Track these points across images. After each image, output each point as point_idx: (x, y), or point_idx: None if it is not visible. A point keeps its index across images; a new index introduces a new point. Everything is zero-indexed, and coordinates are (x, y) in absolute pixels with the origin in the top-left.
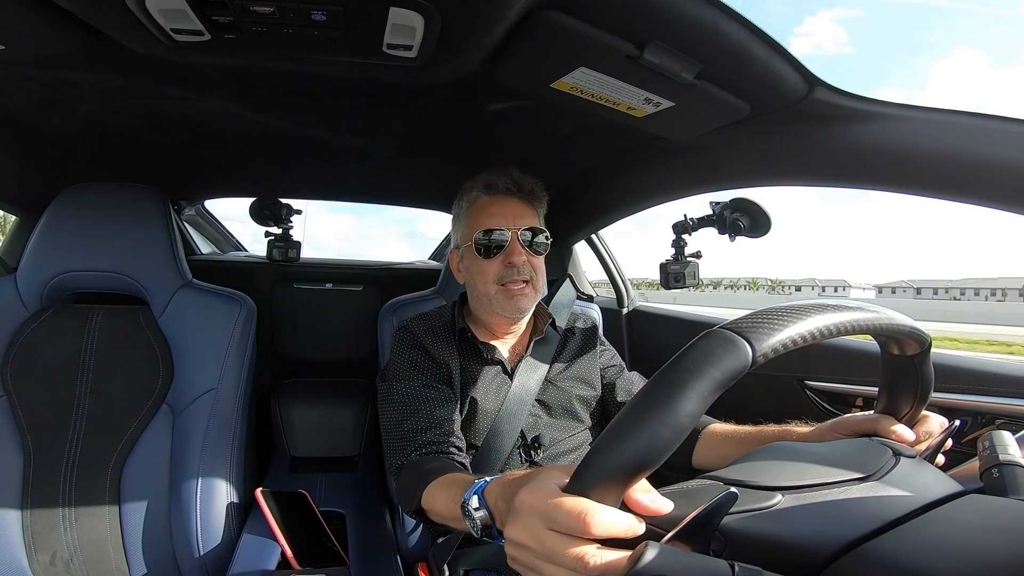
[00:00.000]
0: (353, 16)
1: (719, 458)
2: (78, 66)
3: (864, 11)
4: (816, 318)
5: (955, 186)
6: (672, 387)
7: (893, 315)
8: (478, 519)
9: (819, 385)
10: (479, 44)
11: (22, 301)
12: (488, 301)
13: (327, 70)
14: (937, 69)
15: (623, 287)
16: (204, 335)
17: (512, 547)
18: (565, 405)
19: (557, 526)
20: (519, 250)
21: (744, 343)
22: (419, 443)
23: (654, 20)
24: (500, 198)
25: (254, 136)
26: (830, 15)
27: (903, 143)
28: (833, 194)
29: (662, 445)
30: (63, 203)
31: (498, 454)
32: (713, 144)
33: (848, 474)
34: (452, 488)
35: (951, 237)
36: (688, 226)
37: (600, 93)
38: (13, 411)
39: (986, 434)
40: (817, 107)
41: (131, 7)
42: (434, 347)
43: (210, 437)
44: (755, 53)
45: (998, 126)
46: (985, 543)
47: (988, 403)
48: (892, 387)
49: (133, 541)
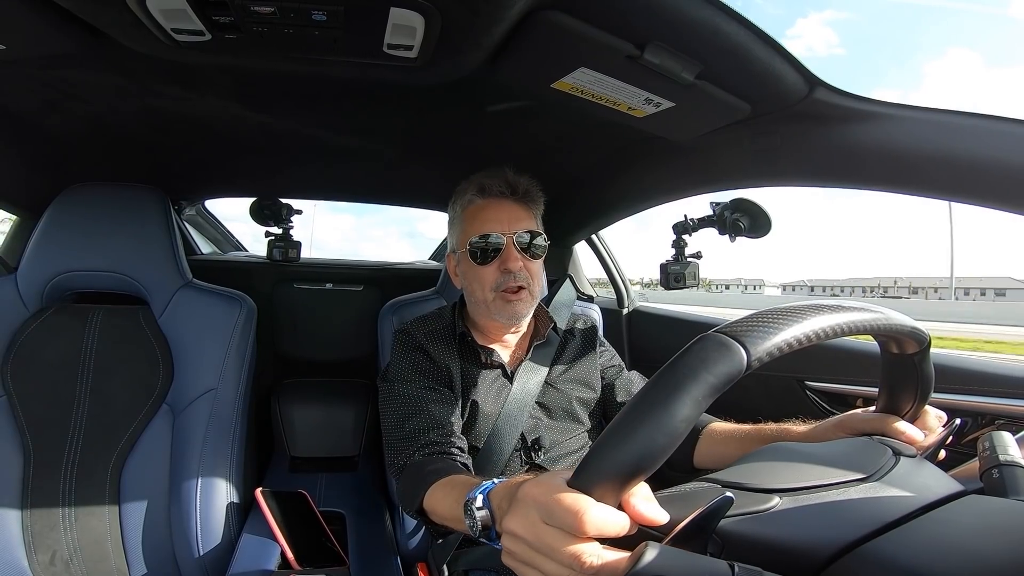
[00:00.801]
0: (353, 16)
1: (720, 457)
2: (78, 66)
3: (854, 13)
4: (811, 321)
5: (955, 186)
6: (667, 392)
7: (890, 314)
8: (479, 518)
9: (819, 386)
10: (479, 44)
11: (22, 301)
12: (485, 307)
13: (327, 70)
14: (931, 69)
15: (623, 287)
16: (204, 335)
17: (509, 539)
18: (565, 407)
19: (553, 521)
20: (515, 255)
21: (739, 347)
22: (421, 444)
23: (654, 20)
24: (495, 201)
25: (254, 136)
26: (820, 17)
27: (903, 143)
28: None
29: (658, 450)
30: (63, 203)
31: (498, 456)
32: (713, 144)
33: (847, 475)
34: (456, 489)
35: (845, 239)
36: (688, 226)
37: (600, 93)
38: (13, 411)
39: (986, 434)
40: (817, 107)
41: (132, 7)
42: (435, 350)
43: (210, 437)
44: (755, 53)
45: (998, 127)
46: (985, 544)
47: (988, 403)
48: (892, 386)
49: (133, 541)
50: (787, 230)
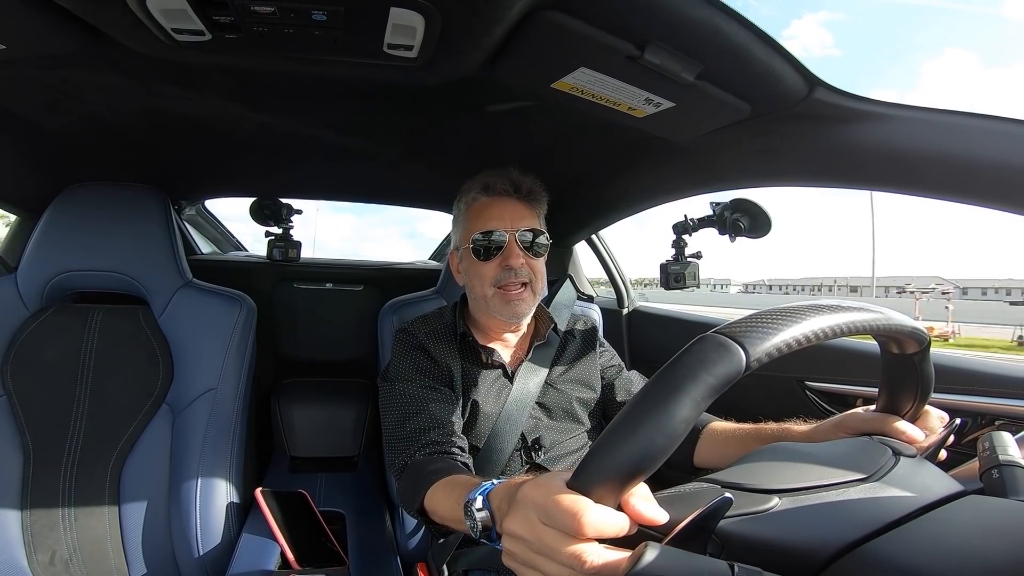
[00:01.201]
0: (354, 16)
1: (720, 456)
2: (78, 66)
3: (848, 14)
4: (809, 321)
5: (955, 186)
6: (666, 393)
7: (890, 314)
8: (479, 520)
9: (819, 386)
10: (479, 44)
11: (22, 300)
12: (485, 304)
13: (327, 70)
14: (928, 69)
15: (623, 287)
16: (204, 335)
17: (509, 541)
18: (565, 407)
19: (552, 522)
20: (517, 252)
21: (738, 348)
22: (422, 443)
23: (654, 20)
24: (498, 199)
25: (254, 136)
26: (815, 18)
27: (903, 143)
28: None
29: (657, 450)
30: (63, 203)
31: (499, 456)
32: (713, 144)
33: (847, 475)
34: (456, 489)
35: (802, 240)
36: (688, 226)
37: (600, 93)
38: (13, 410)
39: (986, 435)
40: (817, 107)
41: (132, 7)
42: (435, 350)
43: (210, 437)
44: (755, 53)
45: (998, 127)
46: (985, 544)
47: (988, 403)
48: (893, 386)
49: (132, 541)
50: None
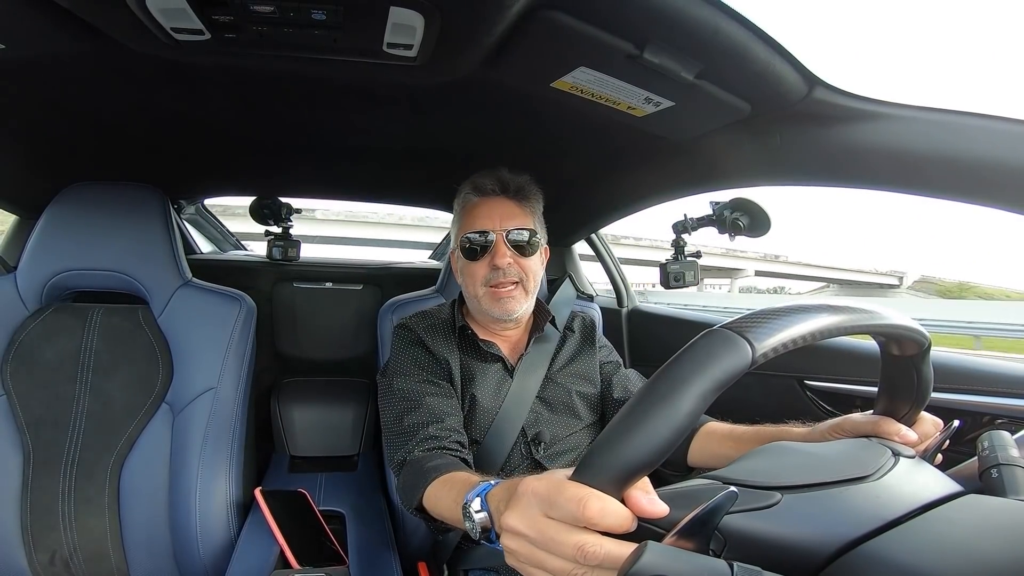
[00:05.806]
0: (353, 15)
1: (715, 457)
2: (78, 65)
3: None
4: (816, 318)
5: (956, 186)
6: (673, 385)
7: (894, 315)
8: (478, 521)
9: (819, 385)
10: (479, 43)
11: (21, 300)
12: (477, 303)
13: (327, 69)
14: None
15: (622, 287)
16: (204, 334)
17: (509, 538)
18: (566, 402)
19: (556, 512)
20: (504, 252)
21: (744, 342)
22: (420, 438)
23: (654, 19)
24: (488, 199)
25: (254, 135)
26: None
27: (904, 143)
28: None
29: (663, 443)
30: (63, 202)
31: (499, 451)
32: (713, 144)
33: (847, 474)
34: (455, 488)
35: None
36: (688, 226)
37: (600, 93)
38: (12, 410)
39: (985, 434)
40: (817, 107)
41: (131, 6)
42: (434, 344)
43: (209, 436)
44: (755, 53)
45: (999, 126)
46: (984, 544)
47: (988, 403)
48: (891, 388)
49: (132, 540)
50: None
